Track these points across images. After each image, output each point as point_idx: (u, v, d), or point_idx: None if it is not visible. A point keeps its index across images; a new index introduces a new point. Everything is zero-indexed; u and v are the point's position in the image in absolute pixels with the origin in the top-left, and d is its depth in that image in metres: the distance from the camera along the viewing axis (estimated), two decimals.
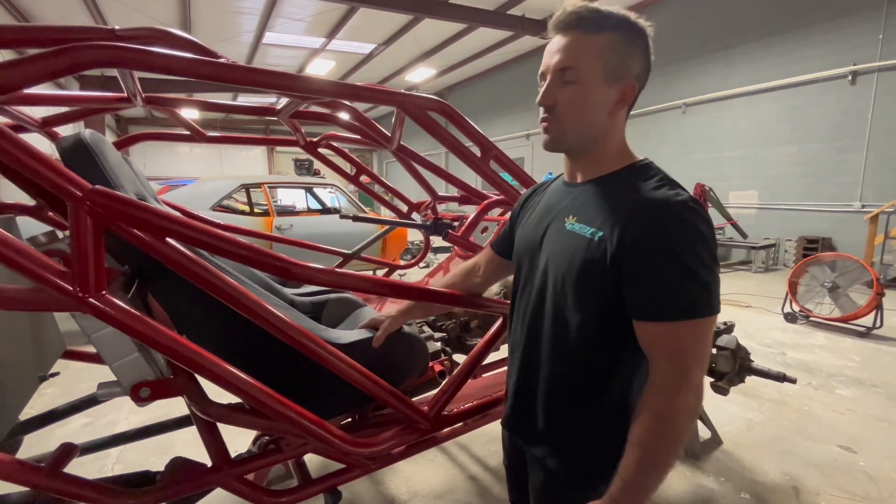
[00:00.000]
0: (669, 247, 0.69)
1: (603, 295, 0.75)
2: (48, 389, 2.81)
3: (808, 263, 4.24)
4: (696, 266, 0.68)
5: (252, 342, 1.07)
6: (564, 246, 0.80)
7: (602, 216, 0.76)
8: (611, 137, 0.81)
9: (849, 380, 3.07)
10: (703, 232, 0.70)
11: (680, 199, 0.71)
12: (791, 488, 1.97)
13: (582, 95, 0.76)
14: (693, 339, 0.70)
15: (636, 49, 0.76)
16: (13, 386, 1.12)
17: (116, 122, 16.64)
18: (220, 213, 4.49)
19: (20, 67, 0.70)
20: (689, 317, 0.69)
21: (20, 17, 8.07)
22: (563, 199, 0.86)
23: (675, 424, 0.69)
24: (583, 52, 0.74)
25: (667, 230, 0.69)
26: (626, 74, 0.76)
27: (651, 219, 0.70)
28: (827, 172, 6.71)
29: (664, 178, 0.77)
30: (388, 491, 1.95)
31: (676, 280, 0.69)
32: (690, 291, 0.69)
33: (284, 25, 9.46)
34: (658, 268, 0.69)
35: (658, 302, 0.70)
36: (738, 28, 7.51)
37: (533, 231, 0.91)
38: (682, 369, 0.70)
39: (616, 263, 0.72)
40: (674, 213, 0.70)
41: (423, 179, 2.40)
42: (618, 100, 0.78)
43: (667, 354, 0.70)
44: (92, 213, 0.76)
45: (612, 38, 0.74)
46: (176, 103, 1.64)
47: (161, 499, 1.01)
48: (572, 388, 0.83)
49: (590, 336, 0.79)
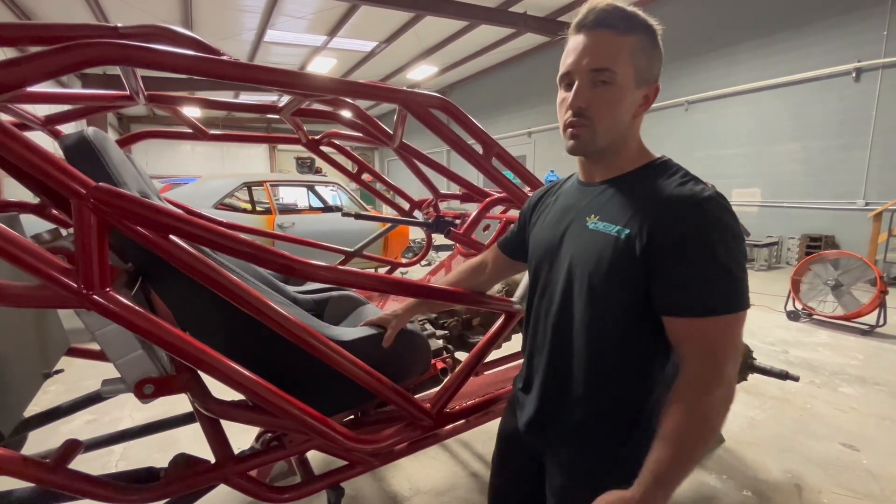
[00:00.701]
0: (701, 242, 0.68)
1: (633, 292, 0.75)
2: (52, 387, 2.83)
3: (812, 261, 4.22)
4: (726, 261, 0.68)
5: (255, 339, 1.08)
6: (589, 245, 0.80)
7: (628, 214, 0.75)
8: (631, 138, 0.81)
9: (852, 378, 3.06)
10: (732, 227, 0.70)
11: (707, 194, 0.71)
12: (793, 486, 1.96)
13: (617, 97, 0.75)
14: (725, 335, 0.70)
15: (658, 52, 0.77)
16: (18, 383, 1.12)
17: (119, 120, 16.67)
18: (222, 212, 4.50)
19: (24, 65, 0.70)
20: (722, 312, 0.69)
21: (22, 14, 8.08)
22: (582, 199, 0.86)
23: (708, 420, 0.69)
24: (617, 52, 0.73)
25: (697, 226, 0.69)
26: (652, 77, 0.77)
27: (681, 214, 0.70)
28: (830, 170, 6.68)
29: (687, 174, 0.77)
30: (391, 488, 1.96)
31: (708, 275, 0.69)
32: (722, 286, 0.69)
33: (286, 23, 9.45)
34: (690, 263, 0.69)
35: (690, 297, 0.70)
36: (741, 25, 7.47)
37: (551, 233, 0.89)
38: (716, 365, 0.69)
39: (646, 260, 0.72)
40: (703, 208, 0.70)
41: (425, 177, 2.40)
42: (642, 102, 0.78)
43: (699, 350, 0.70)
44: (96, 211, 0.76)
45: (641, 40, 0.74)
46: (178, 101, 1.64)
47: (165, 495, 1.02)
48: (605, 388, 0.82)
49: (621, 334, 0.78)
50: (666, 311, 0.73)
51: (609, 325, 0.78)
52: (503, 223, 1.95)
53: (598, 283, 0.77)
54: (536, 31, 9.08)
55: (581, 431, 0.85)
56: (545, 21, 8.97)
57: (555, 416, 0.89)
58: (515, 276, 1.78)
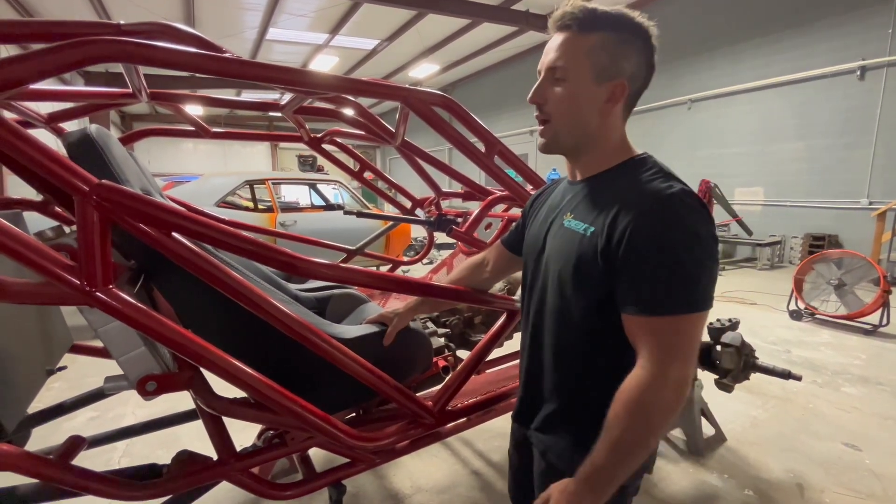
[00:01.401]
0: (654, 239, 0.68)
1: (598, 290, 0.76)
2: (55, 383, 2.84)
3: (814, 261, 4.21)
4: (683, 259, 0.67)
5: (257, 336, 1.08)
6: (562, 243, 0.83)
7: (594, 212, 0.77)
8: (607, 136, 0.81)
9: (854, 377, 3.05)
10: (693, 225, 0.68)
11: (671, 191, 0.70)
12: (795, 485, 1.96)
13: (570, 94, 0.76)
14: (674, 335, 0.68)
15: (630, 49, 0.75)
16: (22, 379, 1.13)
17: (121, 118, 16.69)
18: (224, 210, 4.50)
19: (27, 62, 0.70)
20: (674, 312, 0.68)
21: (24, 12, 8.09)
22: (565, 198, 0.88)
23: (645, 417, 0.68)
24: (572, 51, 0.75)
25: (653, 223, 0.68)
26: (617, 74, 0.75)
27: (639, 211, 0.70)
28: (834, 169, 6.65)
29: (659, 171, 0.75)
30: (392, 485, 1.96)
31: (661, 274, 0.68)
32: (675, 285, 0.67)
33: (288, 21, 9.44)
34: (642, 261, 0.68)
35: (640, 295, 0.69)
36: (745, 23, 7.43)
37: (538, 230, 0.93)
38: (660, 364, 0.68)
39: (606, 258, 0.73)
40: (664, 205, 0.69)
41: (427, 175, 2.40)
42: (607, 99, 0.77)
43: (647, 348, 0.70)
44: (99, 208, 0.76)
45: (604, 38, 0.74)
46: (181, 99, 1.64)
47: (168, 491, 1.02)
48: (573, 382, 0.85)
49: (588, 331, 0.80)
50: (622, 308, 0.73)
51: (576, 322, 0.80)
52: (505, 221, 1.95)
53: (566, 280, 0.80)
54: (538, 29, 9.04)
55: (553, 421, 0.88)
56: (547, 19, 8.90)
57: (534, 405, 0.93)
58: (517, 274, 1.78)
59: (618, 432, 0.69)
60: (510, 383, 1.57)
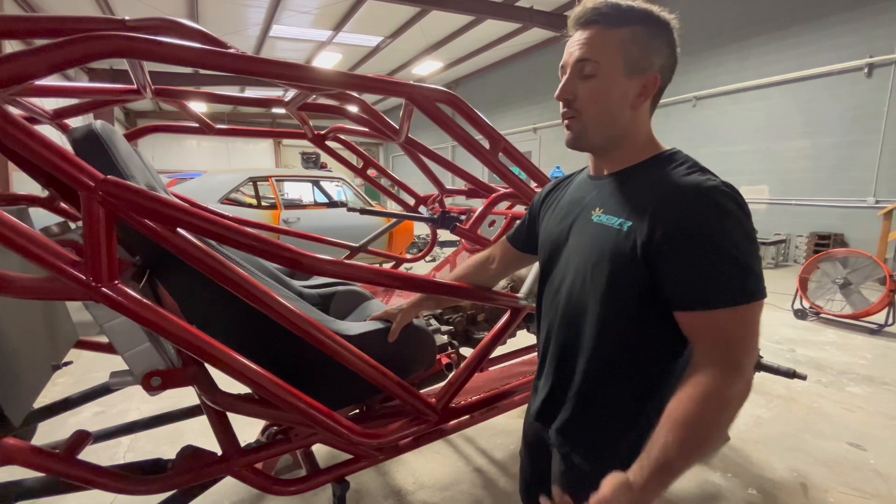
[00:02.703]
0: (704, 233, 0.67)
1: (636, 286, 0.74)
2: (61, 379, 2.86)
3: (820, 259, 4.18)
4: (733, 250, 0.66)
5: (261, 332, 1.08)
6: (592, 239, 0.79)
7: (630, 206, 0.75)
8: (636, 131, 0.80)
9: (859, 377, 3.03)
10: (737, 215, 0.68)
11: (711, 183, 0.69)
12: (799, 485, 1.95)
13: (602, 88, 0.75)
14: (740, 326, 0.67)
15: (660, 42, 0.75)
16: (28, 374, 1.13)
17: (125, 115, 16.75)
18: (227, 206, 4.51)
19: (33, 57, 0.70)
20: (734, 303, 0.67)
21: (28, 7, 8.11)
22: (589, 193, 0.85)
23: (725, 413, 0.67)
24: (602, 45, 0.74)
25: (700, 216, 0.67)
26: (649, 67, 0.75)
27: (683, 206, 0.68)
28: (840, 167, 6.59)
29: (694, 165, 0.75)
30: (395, 482, 1.97)
31: (715, 267, 0.67)
32: (731, 277, 0.67)
33: (291, 18, 9.43)
34: (695, 256, 0.67)
35: (699, 291, 0.68)
36: (751, 19, 7.37)
37: (559, 227, 0.90)
38: (733, 357, 0.67)
39: (647, 253, 0.71)
40: (706, 198, 0.68)
41: (431, 172, 2.39)
42: (639, 93, 0.76)
43: (715, 344, 0.68)
44: (104, 203, 0.76)
45: (634, 31, 0.73)
46: (185, 95, 1.64)
47: (173, 486, 1.03)
48: (608, 382, 0.81)
49: (623, 329, 0.77)
50: (676, 306, 0.71)
51: (611, 319, 0.78)
52: (509, 219, 1.94)
53: (600, 276, 0.77)
54: (543, 26, 9.00)
55: (580, 423, 0.85)
56: (552, 16, 8.89)
57: (559, 406, 0.89)
58: (521, 271, 1.78)
59: (694, 429, 0.66)
60: (513, 381, 1.57)
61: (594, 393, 0.83)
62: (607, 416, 0.83)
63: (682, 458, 0.66)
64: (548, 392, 0.92)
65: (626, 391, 0.81)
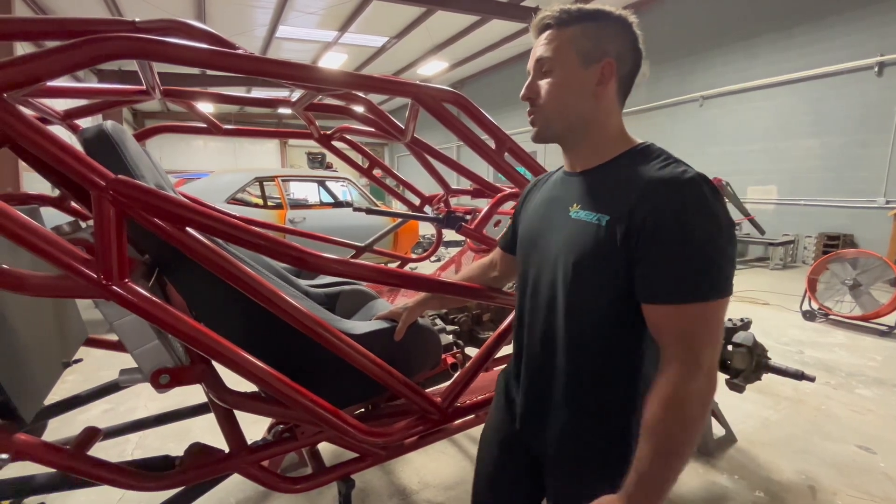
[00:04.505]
0: (678, 226, 0.67)
1: (617, 281, 0.73)
2: (70, 376, 2.89)
3: (829, 260, 4.14)
4: (707, 246, 0.67)
5: (269, 331, 1.09)
6: (572, 234, 0.79)
7: (608, 201, 0.75)
8: (603, 123, 0.80)
9: (869, 379, 3.00)
10: (713, 209, 0.68)
11: (688, 176, 0.69)
12: (807, 487, 1.94)
13: (559, 81, 0.78)
14: (705, 322, 0.68)
15: (611, 33, 0.77)
16: (39, 371, 1.15)
17: (133, 115, 16.91)
18: (234, 206, 4.54)
19: (45, 59, 0.71)
20: (700, 299, 0.67)
21: (38, 10, 8.21)
22: (565, 189, 0.86)
23: (687, 411, 0.67)
24: (556, 43, 0.78)
25: (675, 208, 0.67)
26: (603, 55, 0.77)
27: (659, 198, 0.69)
28: (849, 167, 6.52)
29: (669, 157, 0.75)
30: (400, 481, 1.97)
31: (684, 260, 0.67)
32: (702, 273, 0.67)
33: (297, 19, 9.47)
34: (666, 248, 0.67)
35: (665, 283, 0.68)
36: (759, 17, 7.31)
37: (537, 225, 0.89)
38: (693, 353, 0.68)
39: (626, 246, 0.71)
40: (682, 191, 0.68)
41: (437, 172, 2.39)
42: (598, 81, 0.77)
43: (677, 338, 0.69)
44: (115, 203, 0.77)
45: (584, 27, 0.77)
46: (193, 96, 1.66)
47: (181, 483, 1.04)
48: (590, 382, 0.81)
49: (609, 326, 0.77)
50: (643, 299, 0.71)
51: (595, 317, 0.77)
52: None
53: (582, 272, 0.76)
54: None
55: (570, 428, 0.83)
56: None
57: (545, 410, 0.86)
58: None
59: (661, 432, 0.67)
60: None
61: (579, 393, 0.82)
62: (594, 419, 0.81)
63: (657, 466, 0.67)
64: (527, 398, 0.90)
65: (611, 393, 0.80)
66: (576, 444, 0.83)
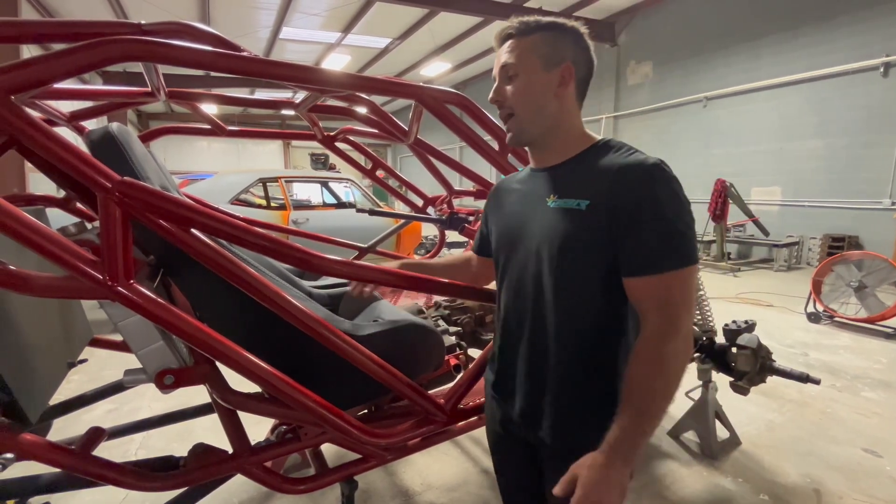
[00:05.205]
0: (652, 204, 0.75)
1: (601, 257, 0.80)
2: (75, 376, 2.91)
3: (834, 262, 4.11)
4: (675, 220, 0.75)
5: (272, 332, 1.09)
6: (553, 222, 0.84)
7: (584, 188, 0.82)
8: (568, 121, 0.88)
9: (875, 382, 2.97)
10: (676, 189, 0.77)
11: (651, 161, 0.78)
12: (812, 491, 1.92)
13: (525, 84, 0.85)
14: (680, 288, 0.75)
15: (566, 41, 0.86)
16: (45, 371, 1.16)
17: (137, 116, 17.00)
18: (237, 207, 4.56)
19: (53, 61, 0.72)
20: (676, 267, 0.75)
21: (45, 12, 8.27)
22: (538, 184, 0.91)
23: (667, 369, 0.73)
24: (518, 50, 0.86)
25: (648, 190, 0.76)
26: (561, 60, 0.85)
27: (633, 181, 0.77)
28: (854, 168, 6.48)
29: (630, 148, 0.83)
30: (403, 482, 1.97)
31: (661, 235, 0.75)
32: (674, 244, 0.75)
33: (301, 20, 9.51)
34: (645, 225, 0.75)
35: (647, 256, 0.75)
36: (763, 18, 7.28)
37: (513, 220, 0.93)
38: (672, 317, 0.75)
39: (608, 225, 0.78)
40: (651, 174, 0.77)
41: (439, 173, 2.40)
42: (559, 82, 0.85)
43: (657, 305, 0.76)
44: (121, 204, 0.78)
45: (543, 35, 0.86)
46: (197, 97, 1.67)
47: (185, 483, 1.04)
48: (585, 365, 0.84)
49: (597, 306, 0.82)
50: (628, 272, 0.78)
51: (584, 296, 0.82)
52: None
53: (568, 254, 0.82)
54: None
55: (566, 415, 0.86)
56: (561, 16, 8.83)
57: (540, 402, 0.89)
58: None
59: (645, 389, 0.73)
60: None
61: (575, 376, 0.85)
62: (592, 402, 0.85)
63: (639, 421, 0.72)
64: (529, 387, 0.92)
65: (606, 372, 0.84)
66: (573, 431, 0.86)
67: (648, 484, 1.95)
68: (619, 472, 0.70)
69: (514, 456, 1.03)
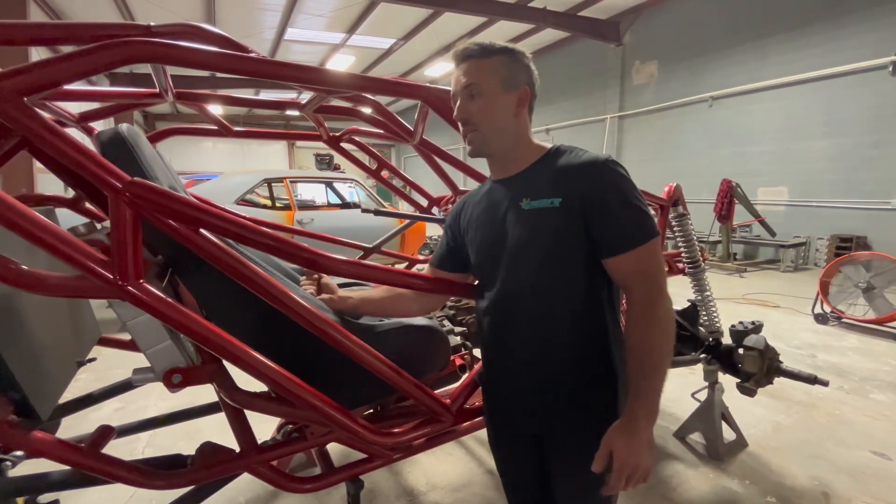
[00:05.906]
0: (617, 192, 0.87)
1: (584, 246, 0.89)
2: (83, 375, 2.92)
3: (842, 263, 4.07)
4: (635, 202, 0.88)
5: (279, 331, 1.10)
6: (531, 222, 0.91)
7: (552, 187, 0.91)
8: (524, 136, 0.98)
9: (884, 384, 2.95)
10: (628, 177, 0.90)
11: (602, 157, 0.90)
12: (820, 493, 1.91)
13: (488, 103, 0.92)
14: (653, 257, 0.88)
15: (520, 66, 0.95)
16: (55, 370, 1.17)
17: (144, 117, 17.12)
18: (243, 207, 4.58)
19: (64, 63, 0.73)
20: (647, 240, 0.87)
21: (53, 14, 8.35)
22: (506, 192, 0.98)
23: (663, 327, 0.86)
24: (480, 71, 0.92)
25: (610, 181, 0.88)
26: (519, 83, 0.94)
27: (593, 176, 0.88)
28: (862, 168, 6.42)
29: (580, 149, 0.95)
30: (408, 482, 1.98)
31: (630, 216, 0.87)
32: (641, 221, 0.87)
33: (305, 21, 9.55)
34: (615, 209, 0.87)
35: (625, 236, 0.87)
36: (770, 17, 7.23)
37: (489, 229, 0.99)
38: (657, 282, 0.87)
39: (582, 216, 0.88)
40: (609, 168, 0.89)
41: (444, 173, 2.40)
42: (517, 103, 0.94)
43: (642, 276, 0.87)
44: (131, 205, 0.78)
45: (500, 59, 0.93)
46: (204, 98, 1.68)
47: (193, 481, 1.05)
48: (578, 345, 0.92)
49: (583, 288, 0.91)
50: (608, 254, 0.88)
51: (571, 281, 0.91)
52: None
53: (553, 248, 0.90)
54: (556, 27, 8.95)
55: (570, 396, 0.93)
56: (565, 16, 8.84)
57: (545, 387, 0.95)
58: None
59: (648, 348, 0.84)
60: None
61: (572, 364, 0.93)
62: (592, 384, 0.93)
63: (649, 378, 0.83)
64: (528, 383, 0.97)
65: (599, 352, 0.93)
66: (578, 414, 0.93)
67: (654, 485, 1.94)
68: (647, 431, 0.82)
69: (515, 452, 1.09)
